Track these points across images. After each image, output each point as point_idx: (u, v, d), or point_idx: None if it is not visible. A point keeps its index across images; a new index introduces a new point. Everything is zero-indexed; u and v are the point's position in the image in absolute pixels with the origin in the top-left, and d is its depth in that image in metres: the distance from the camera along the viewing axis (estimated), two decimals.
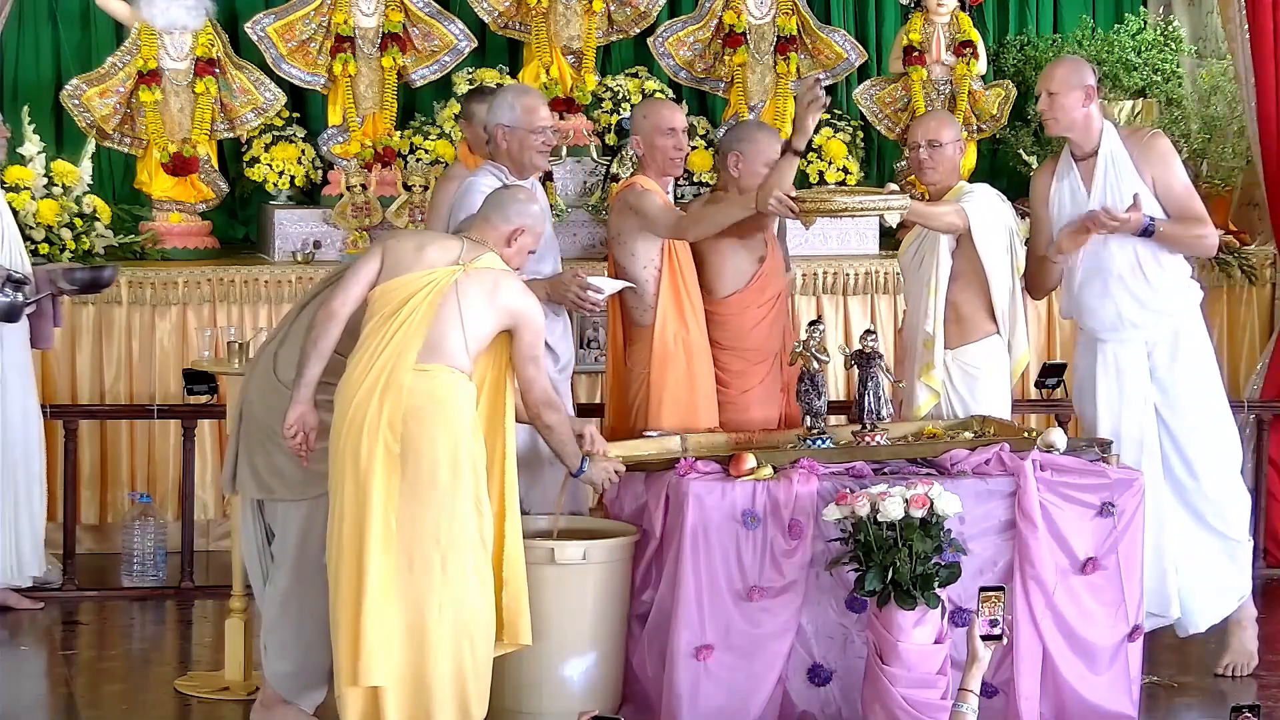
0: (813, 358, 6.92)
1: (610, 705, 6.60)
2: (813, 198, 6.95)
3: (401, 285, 6.21)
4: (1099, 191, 7.42)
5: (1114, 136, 7.48)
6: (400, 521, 6.10)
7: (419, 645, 6.12)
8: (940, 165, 7.47)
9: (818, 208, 6.93)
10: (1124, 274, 7.42)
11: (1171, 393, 7.50)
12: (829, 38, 10.87)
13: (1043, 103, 7.47)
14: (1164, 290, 7.46)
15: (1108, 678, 6.86)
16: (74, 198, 9.76)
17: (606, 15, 10.71)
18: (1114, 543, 6.84)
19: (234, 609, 7.25)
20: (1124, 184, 7.40)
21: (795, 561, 6.62)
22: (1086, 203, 7.43)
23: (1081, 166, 7.49)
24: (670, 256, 7.29)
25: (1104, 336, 7.51)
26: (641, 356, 7.30)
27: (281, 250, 9.99)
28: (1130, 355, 7.49)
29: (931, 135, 7.47)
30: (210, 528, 9.52)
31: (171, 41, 10.11)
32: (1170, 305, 7.48)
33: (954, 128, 7.59)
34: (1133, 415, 7.48)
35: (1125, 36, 11.14)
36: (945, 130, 7.51)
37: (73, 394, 9.43)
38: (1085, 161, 7.49)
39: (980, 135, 10.91)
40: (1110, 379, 7.50)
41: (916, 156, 7.50)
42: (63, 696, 7.40)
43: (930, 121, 7.62)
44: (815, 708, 6.72)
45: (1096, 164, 7.45)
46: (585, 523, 6.96)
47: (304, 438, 6.29)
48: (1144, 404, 7.48)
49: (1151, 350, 7.50)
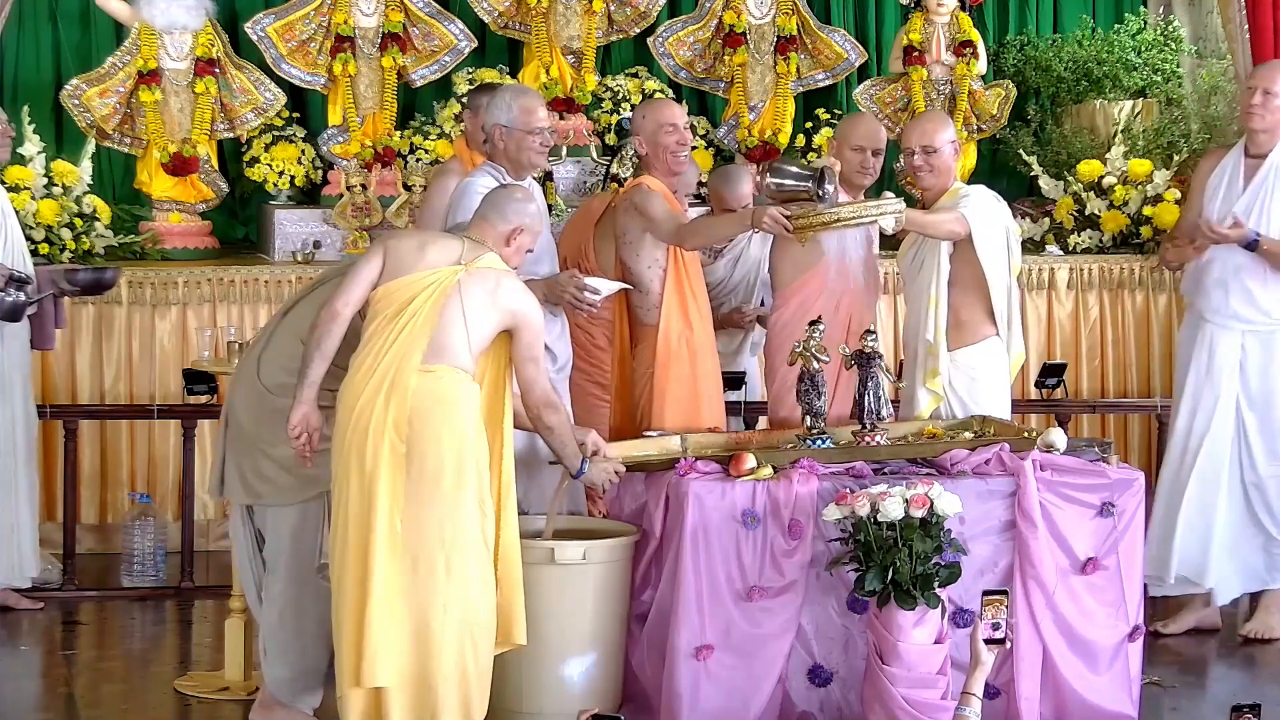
0: (813, 358, 6.91)
1: (610, 705, 6.60)
2: (805, 214, 6.94)
3: (404, 286, 6.21)
4: (1252, 191, 7.92)
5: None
6: (405, 523, 6.09)
7: (423, 646, 6.11)
8: (937, 169, 7.37)
9: (810, 224, 6.94)
10: (1242, 267, 7.93)
11: (1255, 390, 8.00)
12: (829, 38, 10.87)
13: (1256, 97, 7.87)
14: (1274, 293, 7.93)
15: (1108, 678, 6.86)
16: (74, 198, 9.77)
17: (606, 15, 10.72)
18: (1114, 543, 6.84)
19: (234, 609, 7.25)
20: (1277, 192, 7.89)
21: (795, 561, 6.61)
22: (1239, 196, 7.92)
23: (1249, 163, 7.97)
24: (675, 256, 7.29)
25: (1208, 318, 8.03)
26: (646, 356, 7.30)
27: (281, 250, 9.99)
28: (1227, 343, 8.01)
29: (926, 140, 7.36)
30: (210, 528, 9.52)
31: (171, 41, 10.11)
32: (1275, 309, 7.96)
33: (948, 129, 7.46)
34: (1211, 395, 8.00)
35: (1125, 36, 11.14)
36: (940, 134, 7.39)
37: (73, 394, 9.43)
38: (1254, 160, 7.95)
39: (980, 135, 10.92)
40: (1203, 358, 8.03)
41: (911, 163, 7.38)
42: (63, 696, 7.40)
43: (924, 125, 7.49)
44: (815, 708, 6.72)
45: (1263, 166, 7.92)
46: (585, 523, 6.96)
47: (308, 438, 6.29)
48: (1227, 391, 7.99)
49: (1246, 345, 7.98)
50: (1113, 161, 10.47)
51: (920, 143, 7.37)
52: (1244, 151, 8.02)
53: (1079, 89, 11.09)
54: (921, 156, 7.36)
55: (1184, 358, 8.18)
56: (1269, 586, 8.12)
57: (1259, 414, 8.02)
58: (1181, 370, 8.19)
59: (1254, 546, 8.09)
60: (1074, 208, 10.43)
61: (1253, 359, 8.01)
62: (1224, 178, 8.02)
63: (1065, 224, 10.40)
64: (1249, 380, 8.01)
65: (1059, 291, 10.19)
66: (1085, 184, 10.43)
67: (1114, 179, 10.39)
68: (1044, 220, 10.48)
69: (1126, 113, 10.82)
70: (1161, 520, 8.04)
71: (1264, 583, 8.12)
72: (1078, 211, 10.42)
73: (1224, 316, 8.01)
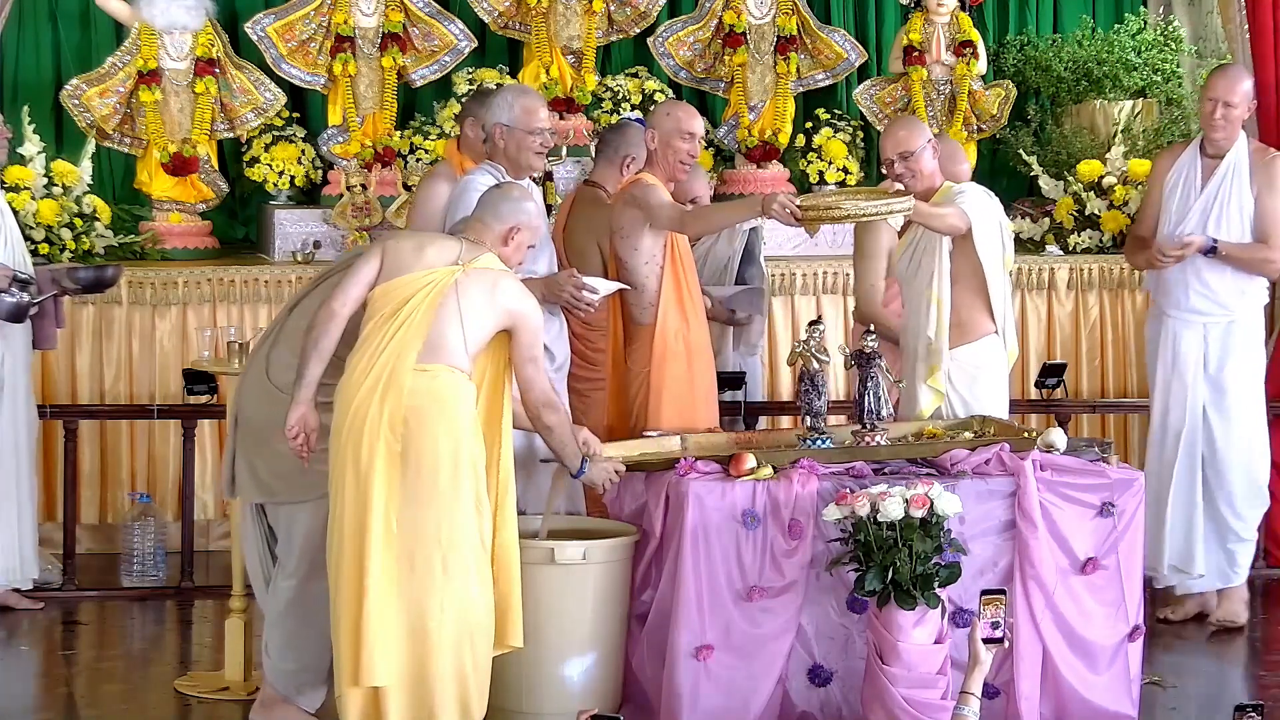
0: (813, 358, 6.91)
1: (610, 705, 6.60)
2: (815, 205, 6.91)
3: (401, 285, 6.21)
4: (1210, 191, 8.06)
5: (1244, 147, 8.09)
6: (401, 522, 6.09)
7: (420, 645, 6.11)
8: (919, 173, 7.24)
9: (820, 215, 6.91)
10: (1200, 263, 8.05)
11: (1217, 386, 8.16)
12: (829, 38, 10.87)
13: (1218, 110, 8.00)
14: (1231, 287, 8.06)
15: (1108, 678, 6.86)
16: (74, 198, 9.77)
17: (606, 15, 10.72)
18: (1114, 543, 6.84)
19: (234, 609, 7.25)
20: (1235, 192, 8.02)
21: (795, 561, 6.61)
22: (1197, 195, 8.08)
23: (1205, 163, 8.09)
24: (673, 253, 7.29)
25: (1170, 313, 8.18)
26: (642, 355, 7.30)
27: (281, 250, 9.99)
28: (1189, 338, 8.16)
29: (902, 148, 7.22)
30: (210, 528, 9.53)
31: (171, 41, 10.11)
32: (1233, 302, 8.10)
33: (921, 133, 7.31)
34: (1180, 388, 8.17)
35: (1125, 36, 11.14)
36: (913, 139, 7.24)
37: (73, 394, 9.43)
38: (1211, 160, 8.07)
39: (980, 135, 10.92)
40: (1168, 353, 8.20)
41: (893, 172, 7.27)
42: (63, 696, 7.40)
43: (897, 134, 7.30)
44: (815, 708, 6.72)
45: (1219, 167, 8.05)
46: (585, 523, 6.96)
47: (305, 439, 6.29)
48: (1193, 384, 8.16)
49: (1208, 338, 8.14)
50: (1113, 161, 10.47)
51: (896, 151, 7.24)
52: (1200, 150, 8.16)
53: (1079, 89, 11.09)
54: (901, 164, 7.25)
55: (1151, 353, 8.37)
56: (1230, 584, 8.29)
57: (1220, 405, 8.17)
58: (1150, 365, 8.39)
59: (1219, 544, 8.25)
60: (1074, 208, 10.43)
61: (1214, 351, 8.16)
62: (1181, 175, 8.15)
63: (1065, 224, 10.40)
64: (1211, 376, 8.17)
65: (1059, 291, 10.19)
66: (1085, 184, 10.43)
67: (1114, 179, 10.39)
68: (1044, 220, 10.48)
69: (1126, 113, 10.83)
70: (1152, 515, 8.08)
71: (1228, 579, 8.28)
72: (1078, 211, 10.42)
73: (1184, 310, 8.16)
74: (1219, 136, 8.07)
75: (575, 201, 7.71)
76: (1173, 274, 8.13)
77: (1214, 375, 8.17)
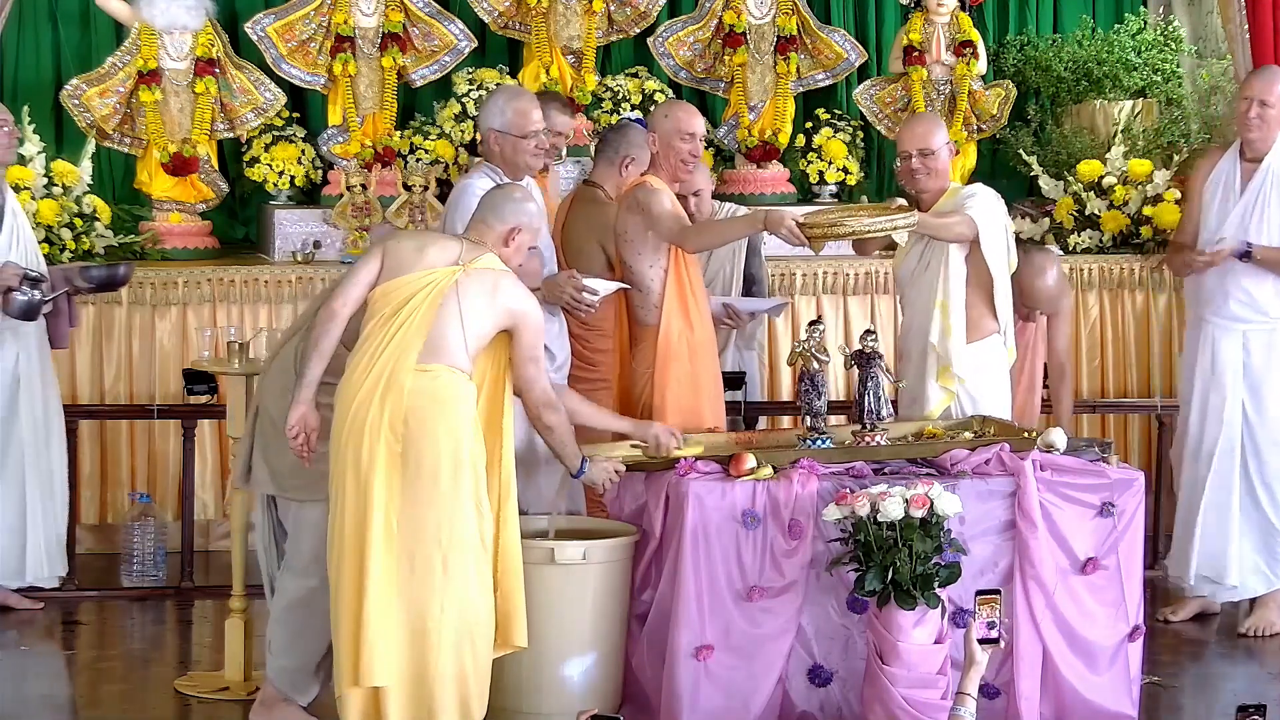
0: (813, 358, 6.92)
1: (610, 705, 6.60)
2: (820, 224, 6.96)
3: (402, 286, 6.21)
4: (1250, 195, 8.03)
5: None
6: (401, 522, 6.10)
7: (421, 646, 6.12)
8: (935, 172, 7.34)
9: (825, 234, 6.96)
10: (1240, 269, 8.03)
11: (1259, 391, 8.11)
12: (829, 38, 10.86)
13: (1254, 109, 7.98)
14: (1271, 294, 8.04)
15: (1108, 678, 6.87)
16: (74, 198, 9.77)
17: (606, 15, 10.71)
18: (1114, 543, 6.84)
19: (234, 609, 7.25)
20: (1275, 196, 8.01)
21: (795, 561, 6.61)
22: (1236, 199, 8.05)
23: (1245, 166, 8.07)
24: (676, 255, 7.29)
25: (1209, 319, 8.16)
26: (646, 356, 7.30)
27: (281, 250, 9.99)
28: (1229, 344, 8.13)
29: (922, 144, 7.32)
30: (210, 528, 9.53)
31: (171, 41, 10.11)
32: (1274, 308, 8.07)
33: (942, 131, 7.44)
34: (1218, 396, 8.12)
35: (1125, 36, 11.13)
36: (934, 136, 7.36)
37: (73, 394, 9.42)
38: (1250, 164, 8.06)
39: (980, 135, 10.91)
40: (1206, 360, 8.16)
41: (909, 166, 7.34)
42: (63, 696, 7.40)
43: (918, 129, 7.44)
44: (815, 708, 6.72)
45: (1259, 170, 8.03)
46: (585, 523, 6.96)
47: (305, 438, 6.29)
48: (1232, 392, 8.10)
49: (1248, 345, 8.09)
50: (1113, 161, 10.46)
51: (916, 146, 7.34)
52: (1239, 154, 8.11)
53: (1079, 89, 11.08)
54: (919, 160, 7.32)
55: (1189, 361, 8.31)
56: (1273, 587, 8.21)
57: (1263, 413, 8.10)
58: (1187, 373, 8.31)
59: (1263, 545, 8.17)
60: (1074, 208, 10.42)
61: (1255, 358, 8.10)
62: (1220, 182, 8.11)
63: (1065, 224, 10.39)
64: (1252, 383, 8.11)
65: None
66: (1085, 184, 10.42)
67: (1114, 179, 10.38)
68: (1044, 220, 10.47)
69: (1126, 113, 10.82)
70: (1183, 522, 8.21)
71: (1270, 583, 8.20)
72: (1078, 211, 10.41)
73: (1224, 318, 8.11)
74: (1254, 136, 8.04)
75: (574, 201, 7.71)
76: (1212, 280, 8.09)
77: (1254, 383, 8.11)
